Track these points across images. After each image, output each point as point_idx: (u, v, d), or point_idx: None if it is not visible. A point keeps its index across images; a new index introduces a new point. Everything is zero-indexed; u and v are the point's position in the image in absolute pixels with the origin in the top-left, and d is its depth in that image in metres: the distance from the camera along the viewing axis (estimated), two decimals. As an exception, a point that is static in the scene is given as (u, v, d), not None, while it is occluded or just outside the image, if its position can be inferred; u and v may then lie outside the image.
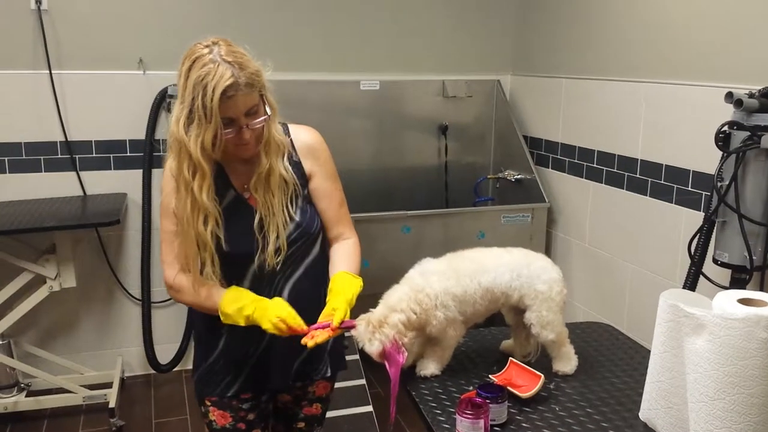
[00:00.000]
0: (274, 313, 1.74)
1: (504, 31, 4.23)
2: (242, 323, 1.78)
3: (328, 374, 2.04)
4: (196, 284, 1.81)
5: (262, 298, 1.80)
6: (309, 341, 1.73)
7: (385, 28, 4.03)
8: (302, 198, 1.88)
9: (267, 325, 1.74)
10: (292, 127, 1.93)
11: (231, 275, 1.84)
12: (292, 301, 1.82)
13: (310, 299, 1.88)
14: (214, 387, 1.94)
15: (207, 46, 1.70)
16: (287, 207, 1.84)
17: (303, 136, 1.93)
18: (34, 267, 3.33)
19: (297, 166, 1.89)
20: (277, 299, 1.81)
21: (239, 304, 1.78)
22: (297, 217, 1.86)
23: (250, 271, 1.85)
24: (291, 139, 1.90)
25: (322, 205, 1.93)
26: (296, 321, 1.75)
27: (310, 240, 1.90)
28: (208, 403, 1.96)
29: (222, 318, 1.80)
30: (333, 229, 1.97)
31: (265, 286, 1.86)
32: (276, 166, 1.81)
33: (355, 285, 1.86)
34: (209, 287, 1.82)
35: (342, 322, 1.76)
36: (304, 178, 1.90)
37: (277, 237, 1.81)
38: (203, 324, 1.95)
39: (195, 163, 1.69)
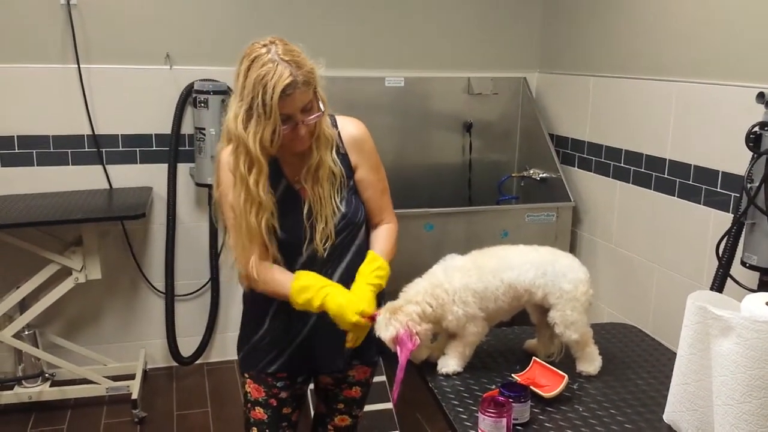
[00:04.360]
0: (349, 320, 1.80)
1: (531, 28, 4.20)
2: (316, 311, 1.85)
3: (374, 359, 2.12)
4: (265, 273, 1.87)
5: (328, 285, 1.85)
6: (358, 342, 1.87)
7: (410, 25, 4.02)
8: (348, 189, 1.94)
9: (348, 327, 1.82)
10: (339, 119, 1.99)
11: (282, 264, 1.91)
12: None
13: None
14: (255, 363, 2.04)
15: (264, 46, 1.75)
16: (334, 198, 1.90)
17: (349, 128, 1.99)
18: (60, 259, 3.37)
19: (344, 158, 1.95)
20: (342, 293, 1.84)
21: (308, 295, 1.83)
22: (343, 208, 1.92)
23: (300, 260, 1.92)
24: (338, 131, 1.96)
25: (366, 195, 2.00)
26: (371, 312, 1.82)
27: (356, 229, 1.97)
28: (246, 376, 2.07)
29: (295, 307, 1.86)
30: (376, 217, 2.05)
31: None
32: (325, 159, 1.88)
33: (373, 263, 1.93)
34: (278, 274, 1.88)
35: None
36: (350, 170, 1.96)
37: (325, 226, 1.88)
38: (251, 304, 2.04)
39: (253, 159, 1.76)
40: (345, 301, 1.81)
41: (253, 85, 1.71)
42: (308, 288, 1.83)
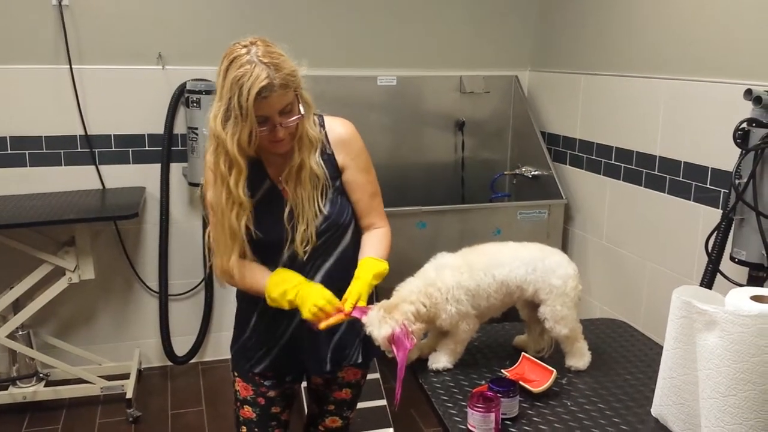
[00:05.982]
0: (312, 301, 1.80)
1: (523, 27, 4.21)
2: (287, 307, 1.85)
3: (359, 361, 2.08)
4: (243, 269, 1.87)
5: (305, 281, 1.86)
6: (322, 324, 1.80)
7: (402, 23, 4.02)
8: (333, 190, 1.93)
9: (306, 314, 1.81)
10: (327, 119, 1.97)
11: (263, 263, 1.92)
12: None
13: (341, 287, 1.90)
14: (244, 362, 2.05)
15: (245, 46, 1.74)
16: (317, 200, 1.88)
17: (337, 128, 1.97)
18: (53, 259, 3.37)
19: (330, 158, 1.93)
20: (318, 286, 1.85)
21: (283, 287, 1.84)
22: (326, 210, 1.90)
23: (281, 260, 1.91)
24: (325, 132, 1.94)
25: (354, 197, 1.98)
26: (334, 307, 1.82)
27: (340, 231, 1.95)
28: (236, 374, 2.09)
29: (268, 302, 1.86)
30: (365, 219, 2.02)
31: None
32: (307, 161, 1.86)
33: (376, 266, 1.89)
34: (257, 271, 1.89)
35: (355, 306, 1.82)
36: (336, 171, 1.94)
37: (306, 228, 1.86)
38: (241, 303, 2.07)
39: (231, 159, 1.76)
40: (313, 292, 1.82)
41: (230, 85, 1.70)
42: (285, 281, 1.84)
